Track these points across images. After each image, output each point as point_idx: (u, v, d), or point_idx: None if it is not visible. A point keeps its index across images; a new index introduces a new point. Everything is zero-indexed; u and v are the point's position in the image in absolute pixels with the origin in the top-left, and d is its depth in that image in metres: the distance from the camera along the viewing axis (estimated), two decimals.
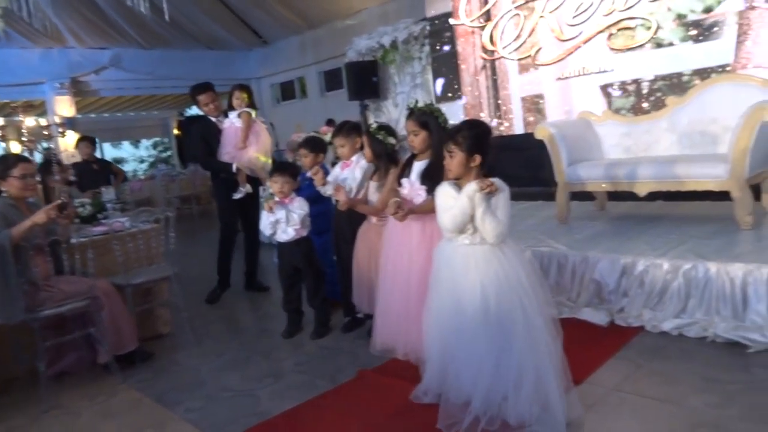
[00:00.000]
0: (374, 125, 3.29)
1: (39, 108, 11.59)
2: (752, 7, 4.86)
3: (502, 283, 2.30)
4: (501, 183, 2.34)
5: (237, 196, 4.61)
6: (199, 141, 4.73)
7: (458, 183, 2.42)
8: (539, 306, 2.32)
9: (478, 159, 2.36)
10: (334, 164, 4.07)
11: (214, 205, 5.47)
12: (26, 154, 4.08)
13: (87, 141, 6.52)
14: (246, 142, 4.58)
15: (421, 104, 3.00)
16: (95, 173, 6.22)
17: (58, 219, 3.09)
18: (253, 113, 4.69)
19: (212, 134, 4.66)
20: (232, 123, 4.63)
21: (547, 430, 2.17)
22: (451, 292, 2.40)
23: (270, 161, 4.72)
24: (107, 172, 6.44)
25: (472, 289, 2.32)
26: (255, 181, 4.72)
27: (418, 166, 2.96)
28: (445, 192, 2.43)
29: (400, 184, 2.98)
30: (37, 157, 4.64)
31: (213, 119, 4.70)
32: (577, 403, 2.30)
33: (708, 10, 5.13)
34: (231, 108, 4.66)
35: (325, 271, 3.79)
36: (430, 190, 2.67)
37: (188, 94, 4.85)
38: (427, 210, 2.76)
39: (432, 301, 2.50)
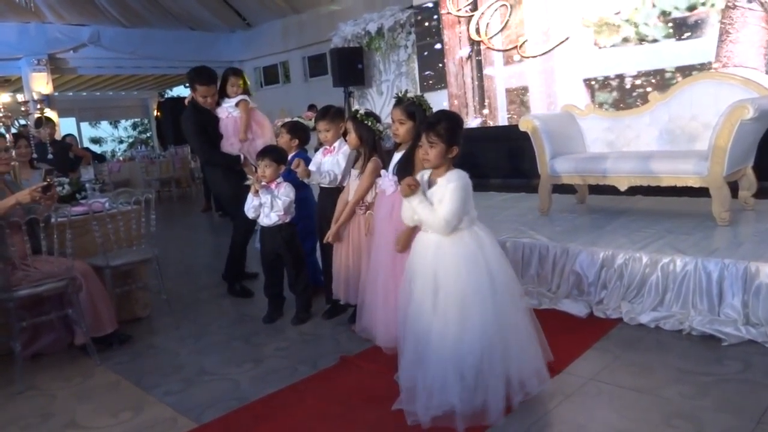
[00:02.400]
0: (362, 111, 3.25)
1: (15, 84, 11.32)
2: (734, 7, 4.93)
3: (438, 271, 2.32)
4: (459, 175, 2.34)
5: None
6: (196, 132, 4.21)
7: (432, 174, 2.44)
8: (483, 296, 2.31)
9: (455, 150, 2.37)
10: (316, 150, 4.01)
11: (194, 190, 5.10)
12: (2, 131, 3.97)
13: (53, 122, 6.12)
14: (247, 133, 4.24)
15: (410, 95, 2.98)
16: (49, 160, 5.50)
17: (41, 200, 3.03)
18: (250, 101, 4.33)
19: (212, 124, 4.23)
20: (230, 113, 4.26)
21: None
22: (410, 279, 2.45)
23: None
24: (64, 159, 6.02)
25: (420, 276, 2.38)
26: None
27: (397, 157, 2.97)
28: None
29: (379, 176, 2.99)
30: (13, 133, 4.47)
31: (208, 108, 4.27)
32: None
33: (692, 8, 5.19)
34: (224, 95, 4.29)
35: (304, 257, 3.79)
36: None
37: (187, 75, 4.31)
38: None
39: (402, 286, 2.52)
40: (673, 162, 3.89)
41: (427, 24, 7.44)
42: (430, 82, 7.46)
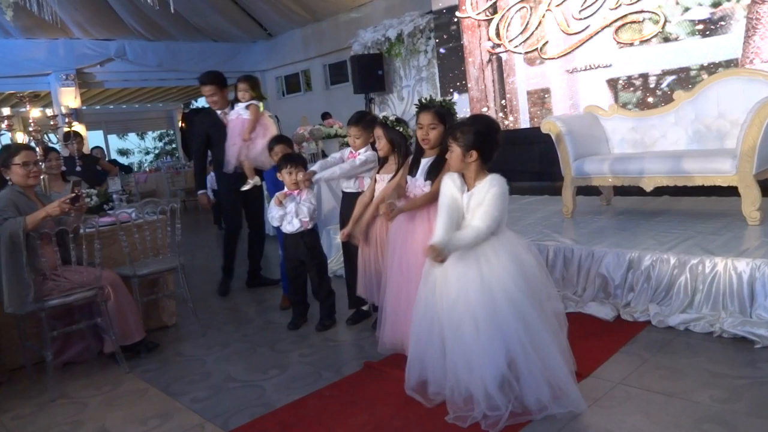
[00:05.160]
0: (392, 117, 3.24)
1: (45, 99, 11.61)
2: (761, 1, 4.83)
3: (486, 276, 2.31)
4: (499, 182, 2.36)
5: (245, 187, 4.50)
6: (195, 134, 4.63)
7: (467, 178, 2.43)
8: (534, 298, 2.34)
9: (474, 155, 2.37)
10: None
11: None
12: (32, 144, 4.08)
13: (81, 136, 6.24)
14: (251, 134, 4.46)
15: (436, 99, 2.97)
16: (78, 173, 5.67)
17: (70, 211, 3.10)
18: (261, 106, 4.59)
19: (216, 127, 4.59)
20: (239, 115, 4.52)
21: (564, 409, 2.24)
22: (439, 283, 2.41)
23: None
24: (92, 172, 6.20)
25: (458, 281, 2.35)
26: (261, 173, 4.62)
27: (426, 162, 2.94)
28: (451, 182, 2.44)
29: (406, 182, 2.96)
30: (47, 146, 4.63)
31: (218, 112, 4.62)
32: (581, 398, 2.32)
33: (716, 4, 5.10)
34: (237, 100, 4.56)
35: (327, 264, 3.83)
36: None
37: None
38: (417, 206, 2.81)
39: (421, 292, 2.50)
40: (700, 161, 3.81)
41: (446, 28, 7.44)
42: (451, 86, 7.45)
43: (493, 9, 6.74)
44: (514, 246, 2.41)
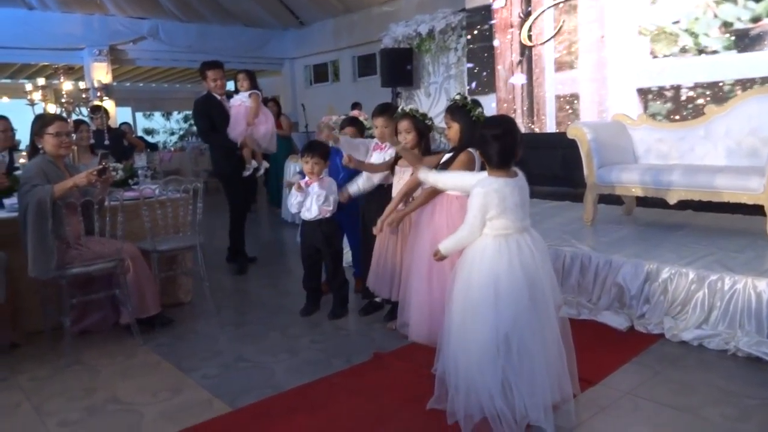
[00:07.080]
0: (418, 111, 3.25)
1: (78, 72, 11.78)
2: None
3: (474, 279, 2.29)
4: (483, 183, 2.28)
5: (246, 173, 4.85)
6: (201, 116, 4.91)
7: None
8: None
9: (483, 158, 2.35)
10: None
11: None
12: (64, 115, 4.16)
13: (105, 110, 6.45)
14: (256, 120, 4.84)
15: (458, 96, 2.98)
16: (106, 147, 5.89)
17: (96, 183, 3.16)
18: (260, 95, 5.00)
19: (217, 111, 4.85)
20: (243, 102, 4.87)
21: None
22: (461, 280, 2.39)
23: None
24: (118, 146, 6.46)
25: (461, 279, 2.35)
26: (269, 158, 5.08)
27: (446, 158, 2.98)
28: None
29: None
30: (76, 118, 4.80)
31: (217, 97, 4.88)
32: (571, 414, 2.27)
33: (756, 19, 5.01)
34: (236, 91, 4.97)
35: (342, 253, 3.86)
36: None
37: (198, 69, 5.08)
38: (419, 205, 2.98)
39: (454, 287, 2.50)
40: (727, 177, 3.75)
41: (478, 27, 7.40)
42: (479, 85, 7.41)
43: (527, 11, 6.69)
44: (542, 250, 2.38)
